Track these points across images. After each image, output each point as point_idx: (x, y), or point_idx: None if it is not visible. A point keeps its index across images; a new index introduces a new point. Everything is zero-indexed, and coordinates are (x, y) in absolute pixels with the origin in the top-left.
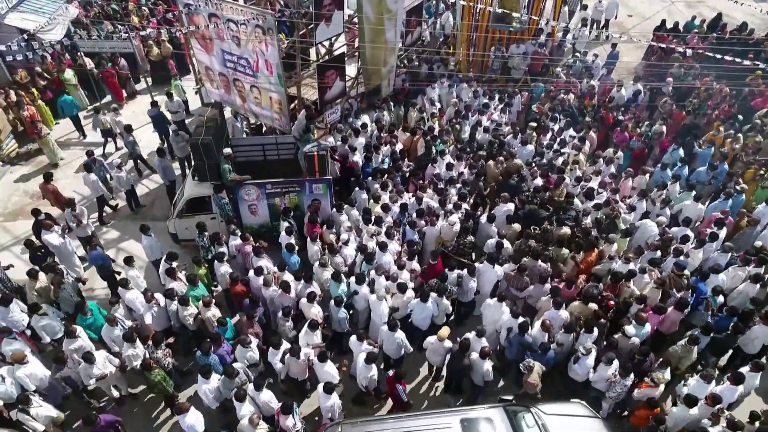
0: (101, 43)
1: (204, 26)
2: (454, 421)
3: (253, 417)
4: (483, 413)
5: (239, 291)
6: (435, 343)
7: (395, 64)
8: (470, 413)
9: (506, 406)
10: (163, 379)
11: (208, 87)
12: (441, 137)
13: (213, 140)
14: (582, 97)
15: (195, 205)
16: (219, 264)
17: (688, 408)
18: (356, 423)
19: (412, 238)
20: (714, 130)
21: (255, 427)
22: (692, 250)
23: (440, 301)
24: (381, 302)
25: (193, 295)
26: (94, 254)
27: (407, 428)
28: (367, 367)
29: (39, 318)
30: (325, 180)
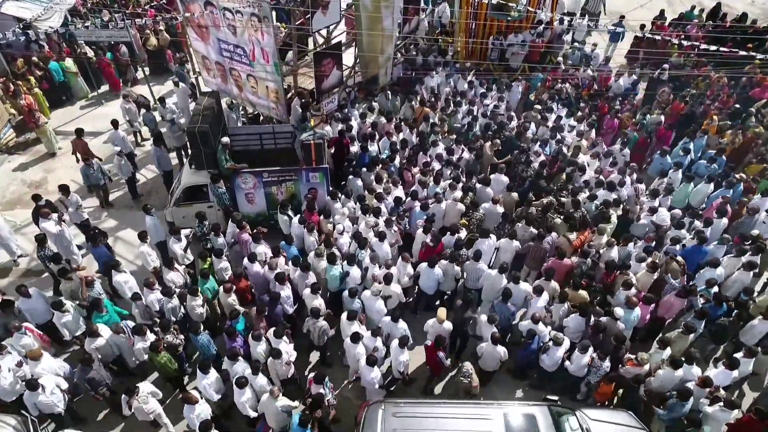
0: (98, 32)
1: (199, 14)
2: (498, 413)
3: (274, 389)
4: (527, 410)
5: (243, 287)
6: (435, 326)
7: (393, 53)
8: (514, 408)
9: (551, 406)
10: (169, 361)
11: (205, 76)
12: (433, 128)
13: (210, 129)
14: (579, 87)
15: (192, 193)
16: (218, 260)
17: (674, 370)
18: (399, 403)
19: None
20: (708, 119)
21: (276, 399)
22: (690, 242)
23: (451, 268)
24: (376, 299)
25: (206, 288)
26: (96, 251)
27: (451, 414)
28: (400, 352)
29: (61, 315)
30: (321, 168)
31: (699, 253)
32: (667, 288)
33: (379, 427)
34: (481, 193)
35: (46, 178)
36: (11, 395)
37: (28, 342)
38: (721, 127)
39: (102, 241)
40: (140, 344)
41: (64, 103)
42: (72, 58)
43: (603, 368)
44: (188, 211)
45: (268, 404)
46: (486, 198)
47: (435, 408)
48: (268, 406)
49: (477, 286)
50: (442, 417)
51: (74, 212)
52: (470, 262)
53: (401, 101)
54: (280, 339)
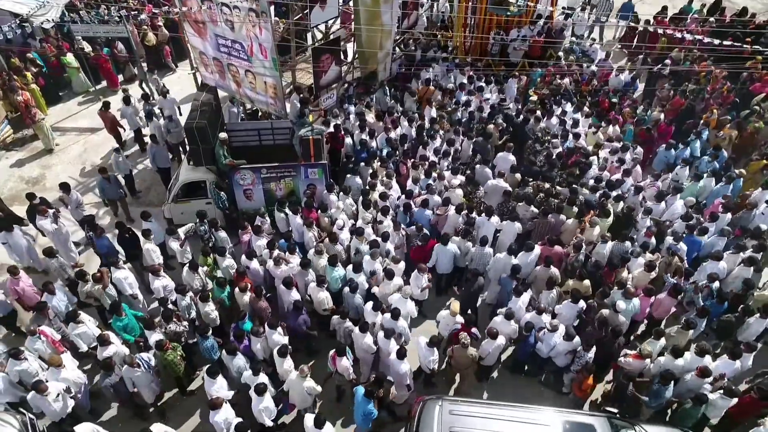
0: (95, 28)
1: (196, 10)
2: (556, 420)
3: (303, 367)
4: (587, 419)
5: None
6: (447, 317)
7: (392, 48)
8: (574, 416)
9: (610, 418)
10: (175, 359)
11: (203, 72)
12: (432, 122)
13: (208, 125)
14: (579, 82)
15: (190, 190)
16: (221, 258)
17: (674, 358)
18: (457, 401)
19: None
20: (709, 112)
21: (304, 378)
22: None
23: (463, 243)
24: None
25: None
26: (99, 242)
27: (509, 417)
28: (430, 350)
29: (75, 326)
30: (320, 164)
31: (694, 244)
32: (665, 287)
33: (436, 424)
34: (480, 172)
35: (43, 175)
36: (58, 416)
37: (40, 347)
38: (722, 121)
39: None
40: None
41: (61, 99)
42: (71, 53)
43: (585, 358)
44: (187, 207)
45: (296, 383)
46: (485, 177)
47: (493, 409)
48: (295, 385)
49: (481, 268)
50: (499, 419)
51: (75, 210)
52: (477, 248)
53: (400, 96)
54: (274, 330)
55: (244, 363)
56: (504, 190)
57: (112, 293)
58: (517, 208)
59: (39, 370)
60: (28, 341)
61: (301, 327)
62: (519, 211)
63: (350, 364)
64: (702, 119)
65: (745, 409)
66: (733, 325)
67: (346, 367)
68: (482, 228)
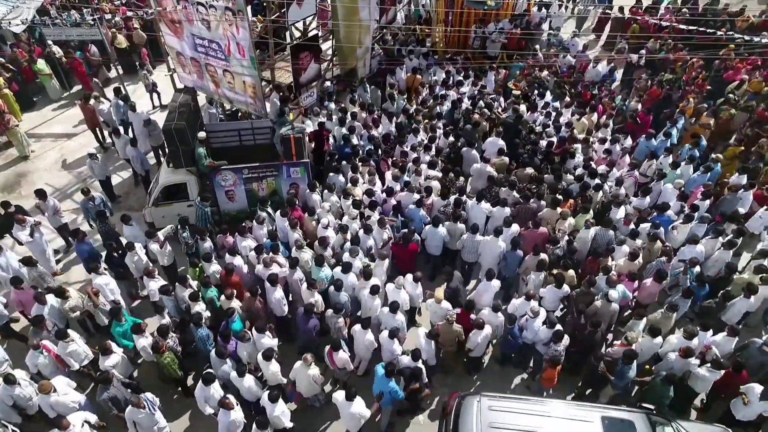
0: (68, 31)
1: (172, 9)
2: (596, 416)
3: (307, 356)
4: (625, 415)
5: (236, 282)
6: (433, 305)
7: (371, 44)
8: (612, 413)
9: (648, 414)
10: (172, 362)
11: (180, 73)
12: (412, 118)
13: (187, 126)
14: (558, 74)
15: (171, 192)
16: (208, 264)
17: (653, 338)
18: (496, 397)
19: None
20: (685, 101)
21: (309, 367)
22: (680, 225)
23: (454, 226)
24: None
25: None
26: (80, 247)
27: (549, 413)
28: (428, 343)
29: (65, 344)
30: (302, 163)
31: (664, 221)
32: (649, 269)
33: (474, 420)
34: (467, 155)
35: (19, 182)
36: None
37: (42, 362)
38: (698, 110)
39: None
40: (142, 341)
41: (36, 105)
42: (43, 58)
43: (552, 349)
44: (168, 210)
45: (301, 371)
46: (472, 160)
47: (533, 405)
48: (300, 373)
49: (475, 258)
50: (540, 415)
51: (52, 217)
52: (467, 236)
53: (381, 93)
54: (263, 335)
55: (230, 370)
56: (488, 176)
57: (106, 309)
58: (501, 192)
59: (33, 394)
60: (30, 356)
61: (312, 332)
62: (502, 195)
63: (348, 357)
64: (678, 108)
65: (725, 383)
66: (714, 310)
67: (345, 359)
68: (472, 212)
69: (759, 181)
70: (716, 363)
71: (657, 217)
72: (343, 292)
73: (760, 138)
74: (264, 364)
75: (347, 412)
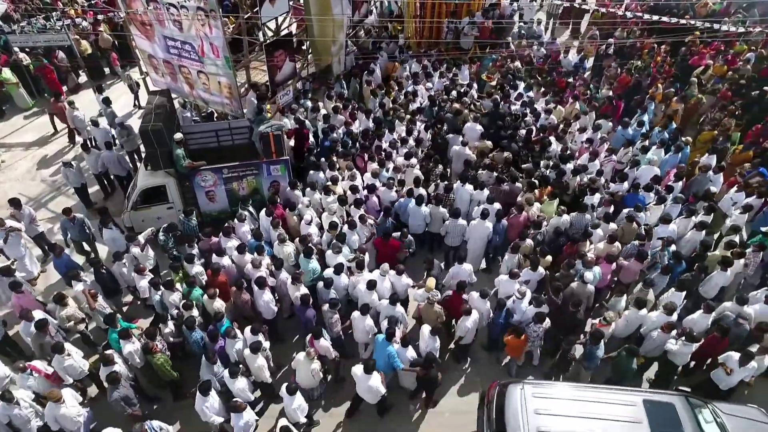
0: (35, 37)
1: (142, 11)
2: (638, 400)
3: (310, 350)
4: (666, 398)
5: (222, 282)
6: (423, 295)
7: (345, 41)
8: (654, 396)
9: (687, 396)
10: (166, 362)
11: (154, 76)
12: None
13: (163, 127)
14: (532, 64)
15: (149, 195)
16: (190, 265)
17: (638, 309)
18: (539, 384)
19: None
20: (654, 87)
21: (311, 361)
22: (652, 206)
23: (437, 210)
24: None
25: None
26: (58, 262)
27: (592, 398)
28: (432, 338)
29: (62, 359)
30: (282, 160)
31: (635, 200)
32: (627, 249)
33: (520, 408)
34: (453, 140)
35: None
36: None
37: (32, 384)
38: (667, 95)
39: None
40: (129, 347)
41: (5, 114)
42: (9, 66)
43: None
44: (147, 213)
45: (303, 364)
46: (455, 143)
47: (576, 391)
48: (302, 366)
49: (458, 242)
50: (584, 400)
51: (29, 226)
52: (450, 221)
53: (359, 86)
54: (256, 336)
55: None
56: (466, 159)
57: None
58: (479, 176)
59: (33, 416)
60: (19, 379)
61: (312, 322)
62: (482, 178)
63: (329, 344)
64: (648, 94)
65: (710, 349)
66: (692, 282)
67: (326, 347)
68: (457, 194)
69: (727, 162)
70: (690, 336)
71: (630, 196)
72: (332, 289)
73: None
74: (251, 357)
75: (365, 385)
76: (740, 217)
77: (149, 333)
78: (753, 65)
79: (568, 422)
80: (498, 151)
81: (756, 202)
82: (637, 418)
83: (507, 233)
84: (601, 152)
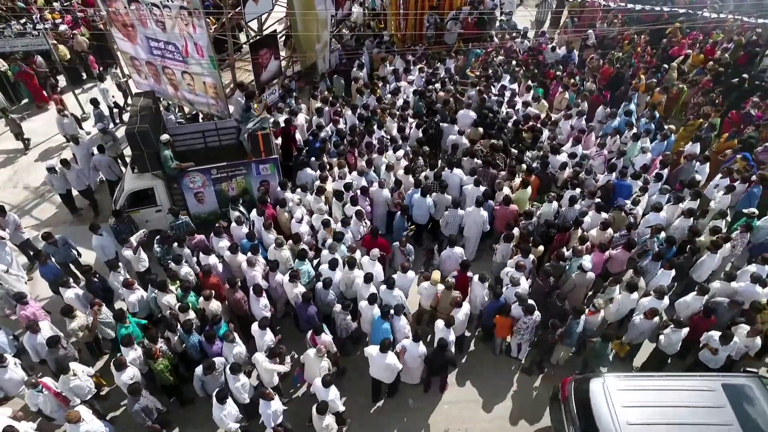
0: (13, 42)
1: (124, 12)
2: (717, 385)
3: (321, 347)
4: (742, 381)
5: (214, 282)
6: (429, 288)
7: (329, 39)
8: (730, 379)
9: (760, 377)
10: (165, 368)
11: (137, 78)
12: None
13: (150, 128)
14: (517, 57)
15: (137, 199)
16: (178, 266)
17: (630, 293)
18: (622, 377)
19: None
20: (636, 78)
21: (322, 357)
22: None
23: (440, 198)
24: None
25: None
26: (44, 269)
27: (672, 387)
28: (447, 331)
29: (68, 379)
30: (272, 159)
31: (622, 187)
32: (616, 240)
33: (608, 403)
34: (447, 130)
35: None
36: None
37: (41, 402)
38: (649, 85)
39: (45, 257)
40: (132, 354)
41: None
42: None
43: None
44: (135, 217)
45: (313, 361)
46: (449, 133)
47: (656, 381)
48: (311, 362)
49: (455, 232)
50: (665, 389)
51: (14, 233)
52: (450, 211)
53: (346, 84)
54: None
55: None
56: (453, 144)
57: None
58: (463, 162)
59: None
60: (29, 396)
61: (315, 319)
62: (465, 165)
63: (330, 339)
64: (632, 85)
65: (696, 330)
66: (683, 266)
67: (329, 342)
68: (449, 180)
69: (711, 151)
70: (677, 323)
71: (618, 182)
72: (331, 291)
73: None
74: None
75: (383, 363)
76: (724, 199)
77: (150, 336)
78: (730, 53)
79: (655, 413)
80: (486, 140)
81: (740, 186)
82: (719, 403)
83: (494, 224)
84: (588, 142)
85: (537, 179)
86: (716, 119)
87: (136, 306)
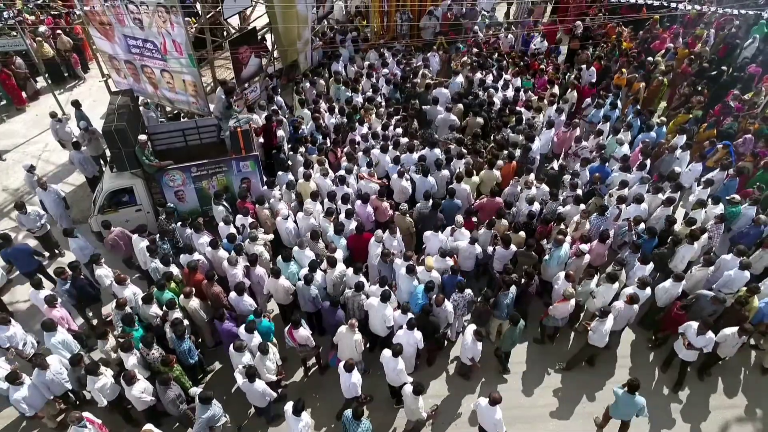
0: None
1: (100, 9)
2: None
3: (353, 321)
4: None
5: (200, 279)
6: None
7: (310, 37)
8: None
9: None
10: (182, 374)
11: (115, 77)
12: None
13: (128, 127)
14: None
15: (116, 198)
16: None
17: (611, 284)
18: None
19: None
20: (618, 72)
21: (354, 332)
22: (616, 191)
23: (438, 176)
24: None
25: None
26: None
27: None
28: (474, 342)
29: (95, 379)
30: (252, 156)
31: (603, 172)
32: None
33: None
34: (431, 111)
35: None
36: None
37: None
38: (630, 79)
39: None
40: (132, 360)
41: None
42: None
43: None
44: (115, 217)
45: (346, 336)
46: (435, 113)
47: None
48: (345, 338)
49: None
50: None
51: None
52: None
53: (326, 84)
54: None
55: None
56: (451, 124)
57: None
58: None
59: None
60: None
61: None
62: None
63: (308, 333)
64: (613, 79)
65: (674, 321)
66: (666, 255)
67: (306, 336)
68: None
69: (693, 140)
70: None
71: (596, 167)
72: (313, 287)
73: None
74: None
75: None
76: (703, 192)
77: (145, 341)
78: (711, 46)
79: None
80: (471, 117)
81: (719, 176)
82: None
83: (479, 215)
84: (570, 139)
85: (516, 164)
86: (698, 112)
87: (132, 300)
